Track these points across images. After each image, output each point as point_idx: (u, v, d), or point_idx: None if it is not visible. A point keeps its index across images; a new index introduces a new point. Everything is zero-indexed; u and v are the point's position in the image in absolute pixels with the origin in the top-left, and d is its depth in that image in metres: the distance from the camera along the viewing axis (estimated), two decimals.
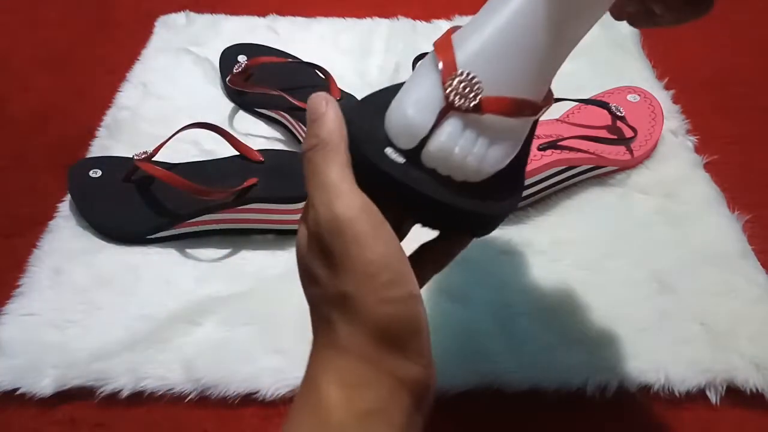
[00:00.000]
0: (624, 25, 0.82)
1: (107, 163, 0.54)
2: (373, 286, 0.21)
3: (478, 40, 0.26)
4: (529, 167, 0.50)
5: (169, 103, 0.62)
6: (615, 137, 0.55)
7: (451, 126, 0.26)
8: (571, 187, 0.55)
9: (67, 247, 0.50)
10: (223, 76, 0.64)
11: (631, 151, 0.55)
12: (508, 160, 0.28)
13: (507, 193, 0.28)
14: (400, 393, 0.22)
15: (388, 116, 0.27)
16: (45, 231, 0.51)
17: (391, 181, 0.25)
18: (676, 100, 0.63)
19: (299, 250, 0.25)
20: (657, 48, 0.69)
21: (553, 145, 0.51)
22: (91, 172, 0.53)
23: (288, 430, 0.21)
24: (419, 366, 0.22)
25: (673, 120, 0.60)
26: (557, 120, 0.56)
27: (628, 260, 0.49)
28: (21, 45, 0.71)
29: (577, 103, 0.57)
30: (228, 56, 0.65)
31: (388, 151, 0.26)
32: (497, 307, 0.46)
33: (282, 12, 0.74)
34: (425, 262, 0.28)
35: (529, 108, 0.27)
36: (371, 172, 0.25)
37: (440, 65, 0.26)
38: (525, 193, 0.52)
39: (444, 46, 0.26)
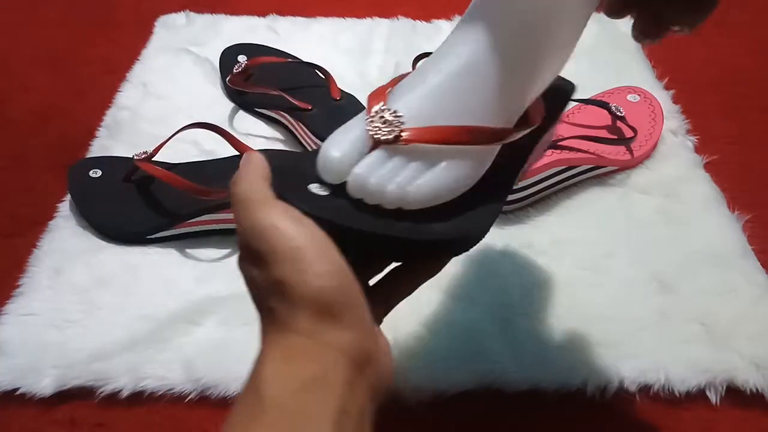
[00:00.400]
0: (624, 25, 0.82)
1: (107, 163, 0.54)
2: (302, 266, 0.23)
3: (416, 84, 0.28)
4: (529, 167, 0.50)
5: (169, 103, 0.62)
6: (615, 137, 0.55)
7: (371, 158, 0.27)
8: (571, 187, 0.55)
9: (67, 247, 0.50)
10: (223, 76, 0.64)
11: (631, 151, 0.55)
12: (462, 183, 0.28)
13: (476, 213, 0.29)
14: (339, 361, 0.23)
15: (318, 160, 0.28)
16: (45, 231, 0.51)
17: (307, 212, 0.26)
18: (676, 100, 0.63)
19: (238, 265, 0.27)
20: (657, 48, 0.69)
21: (553, 145, 0.51)
22: (91, 172, 0.53)
23: (228, 419, 0.22)
24: (356, 332, 0.24)
25: (673, 120, 0.60)
26: None
27: (628, 260, 0.49)
28: (21, 45, 0.71)
29: (577, 103, 0.57)
30: (228, 56, 0.65)
31: (312, 186, 0.28)
32: (497, 307, 0.46)
33: (282, 12, 0.74)
34: (391, 286, 0.30)
35: (481, 134, 0.28)
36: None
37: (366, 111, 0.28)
38: (525, 193, 0.52)
39: (377, 93, 0.29)
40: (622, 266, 0.49)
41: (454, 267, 0.49)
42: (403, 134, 0.27)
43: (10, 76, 0.67)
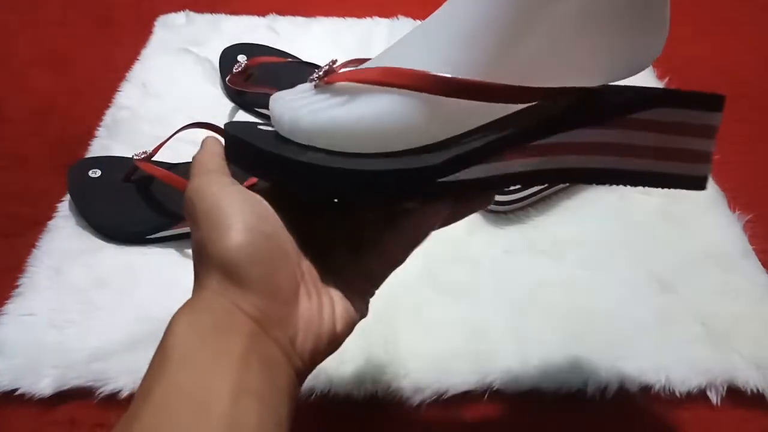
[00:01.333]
0: None
1: (107, 162, 0.54)
2: (218, 227, 0.24)
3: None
4: None
5: (169, 103, 0.62)
6: None
7: (294, 90, 0.27)
8: (572, 187, 0.55)
9: (66, 247, 0.50)
10: (223, 75, 0.64)
11: None
12: (391, 127, 0.25)
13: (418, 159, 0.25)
14: (239, 317, 0.23)
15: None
16: (44, 231, 0.51)
17: (234, 137, 0.26)
18: None
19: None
20: None
21: None
22: (90, 171, 0.53)
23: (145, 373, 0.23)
24: (261, 297, 0.24)
25: None
26: None
27: (629, 260, 0.49)
28: (20, 44, 0.70)
29: None
30: (228, 56, 0.65)
31: (261, 126, 0.27)
32: (498, 308, 0.46)
33: (282, 12, 0.74)
34: (370, 257, 0.29)
35: (412, 78, 0.25)
36: (245, 150, 0.26)
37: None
38: (526, 193, 0.52)
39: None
40: (623, 266, 0.49)
41: (455, 267, 0.49)
42: (329, 74, 0.26)
43: (9, 76, 0.66)
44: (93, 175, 0.53)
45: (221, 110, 0.62)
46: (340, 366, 0.42)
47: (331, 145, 0.25)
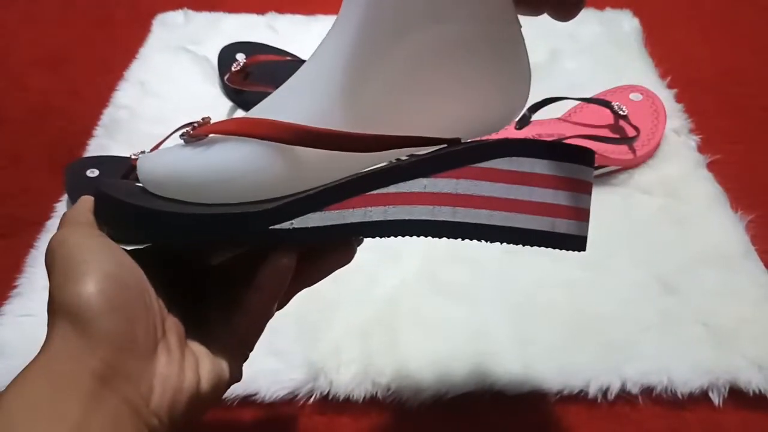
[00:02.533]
0: (626, 23, 0.81)
1: (105, 162, 0.53)
2: (71, 276, 0.23)
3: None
4: None
5: (167, 102, 0.62)
6: (617, 136, 0.54)
7: (164, 149, 0.28)
8: None
9: None
10: (222, 74, 0.63)
11: (633, 151, 0.55)
12: (236, 176, 0.25)
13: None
14: (81, 376, 0.21)
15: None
16: (42, 231, 0.51)
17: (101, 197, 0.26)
18: (678, 99, 0.62)
19: None
20: (660, 47, 0.69)
21: None
22: (88, 171, 0.52)
23: None
24: (103, 347, 0.22)
25: (675, 119, 0.60)
26: (559, 119, 0.55)
27: (631, 261, 0.49)
28: (18, 43, 0.70)
29: (579, 102, 0.56)
30: (226, 54, 0.64)
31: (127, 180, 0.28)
32: (499, 309, 0.46)
33: (281, 10, 0.74)
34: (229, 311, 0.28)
35: (274, 131, 0.25)
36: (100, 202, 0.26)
37: None
38: None
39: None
40: (625, 267, 0.48)
41: (455, 267, 0.48)
42: (199, 127, 0.26)
43: (7, 76, 0.66)
44: (91, 175, 0.52)
45: (220, 109, 0.61)
46: (340, 367, 0.42)
47: (177, 194, 0.25)
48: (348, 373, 0.42)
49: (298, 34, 0.70)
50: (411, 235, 0.26)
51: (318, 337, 0.44)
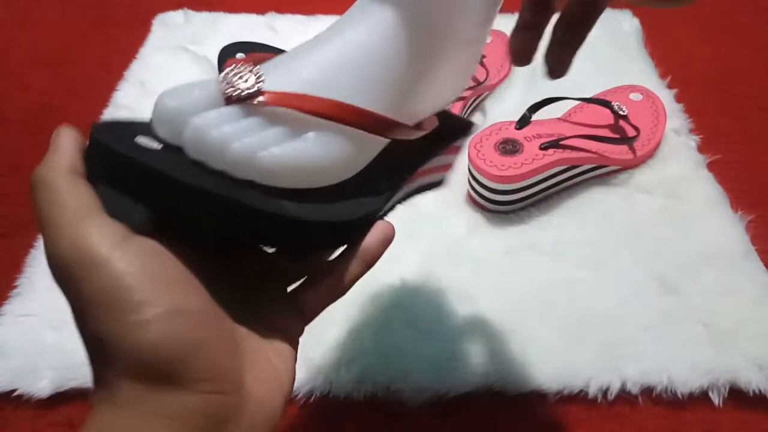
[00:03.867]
0: (626, 24, 0.81)
1: None
2: (117, 317, 0.17)
3: (299, 56, 0.24)
4: (530, 166, 0.50)
5: None
6: (617, 136, 0.54)
7: (218, 112, 0.22)
8: (574, 187, 0.54)
9: None
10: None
11: (633, 151, 0.55)
12: (331, 168, 0.24)
13: (350, 206, 0.24)
14: None
15: (153, 108, 0.23)
16: None
17: (139, 169, 0.19)
18: (679, 99, 0.62)
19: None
20: (660, 46, 0.69)
21: (555, 144, 0.51)
22: None
23: None
24: (202, 391, 0.18)
25: (675, 119, 0.60)
26: (559, 119, 0.55)
27: (631, 261, 0.49)
28: (18, 43, 0.70)
29: (579, 102, 0.56)
30: (226, 54, 0.64)
31: (141, 139, 0.22)
32: (499, 308, 0.46)
33: (281, 10, 0.74)
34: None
35: (361, 116, 0.23)
36: (119, 168, 0.20)
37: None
38: (527, 192, 0.52)
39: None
40: (625, 267, 0.48)
41: (455, 267, 0.48)
42: (261, 95, 0.22)
43: (7, 75, 0.66)
44: None
45: None
46: (339, 367, 0.42)
47: (261, 177, 0.22)
48: (348, 373, 0.42)
49: (298, 34, 0.70)
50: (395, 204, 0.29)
51: (318, 337, 0.44)
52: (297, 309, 0.25)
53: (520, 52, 0.26)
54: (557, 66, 0.26)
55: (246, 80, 0.22)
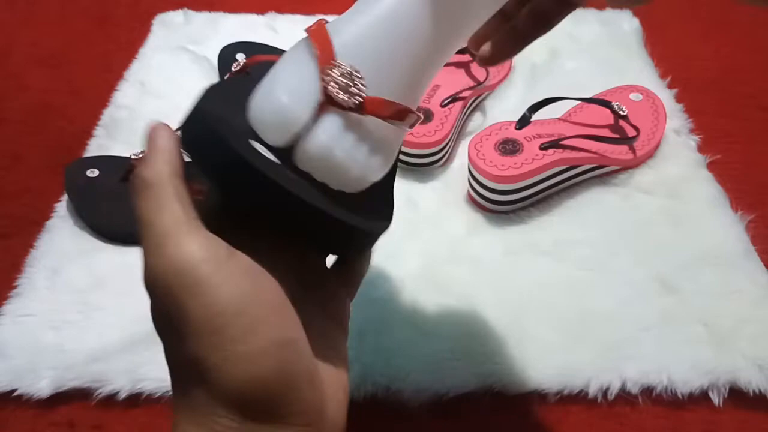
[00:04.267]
0: (626, 23, 0.81)
1: (105, 162, 0.53)
2: (223, 343, 0.17)
3: (356, 30, 0.23)
4: (530, 166, 0.50)
5: (167, 102, 0.62)
6: (617, 136, 0.54)
7: (331, 123, 0.21)
8: (574, 187, 0.54)
9: (64, 247, 0.49)
10: (222, 74, 0.63)
11: (633, 151, 0.55)
12: (383, 173, 0.24)
13: (377, 211, 0.25)
14: None
15: (255, 105, 0.22)
16: (42, 231, 0.51)
17: (261, 182, 0.19)
18: (678, 99, 0.62)
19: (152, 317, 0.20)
20: (660, 46, 0.69)
21: (554, 144, 0.51)
22: (88, 171, 0.52)
23: None
24: (301, 427, 0.18)
25: (675, 119, 0.60)
26: (559, 119, 0.55)
27: (631, 261, 0.49)
28: (18, 43, 0.70)
29: (578, 102, 0.56)
30: (226, 55, 0.64)
31: (256, 146, 0.21)
32: (499, 308, 0.46)
33: (281, 10, 0.74)
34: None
35: (408, 116, 0.23)
36: (231, 173, 0.20)
37: (317, 53, 0.22)
38: (527, 192, 0.52)
39: (319, 32, 0.23)
40: (625, 267, 0.48)
41: (456, 267, 0.48)
42: (365, 103, 0.22)
43: (7, 75, 0.66)
44: (91, 175, 0.52)
45: None
46: None
47: (339, 184, 0.23)
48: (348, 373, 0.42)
49: (297, 34, 0.70)
50: None
51: None
52: (341, 320, 0.24)
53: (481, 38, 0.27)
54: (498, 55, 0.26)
55: (353, 89, 0.22)
